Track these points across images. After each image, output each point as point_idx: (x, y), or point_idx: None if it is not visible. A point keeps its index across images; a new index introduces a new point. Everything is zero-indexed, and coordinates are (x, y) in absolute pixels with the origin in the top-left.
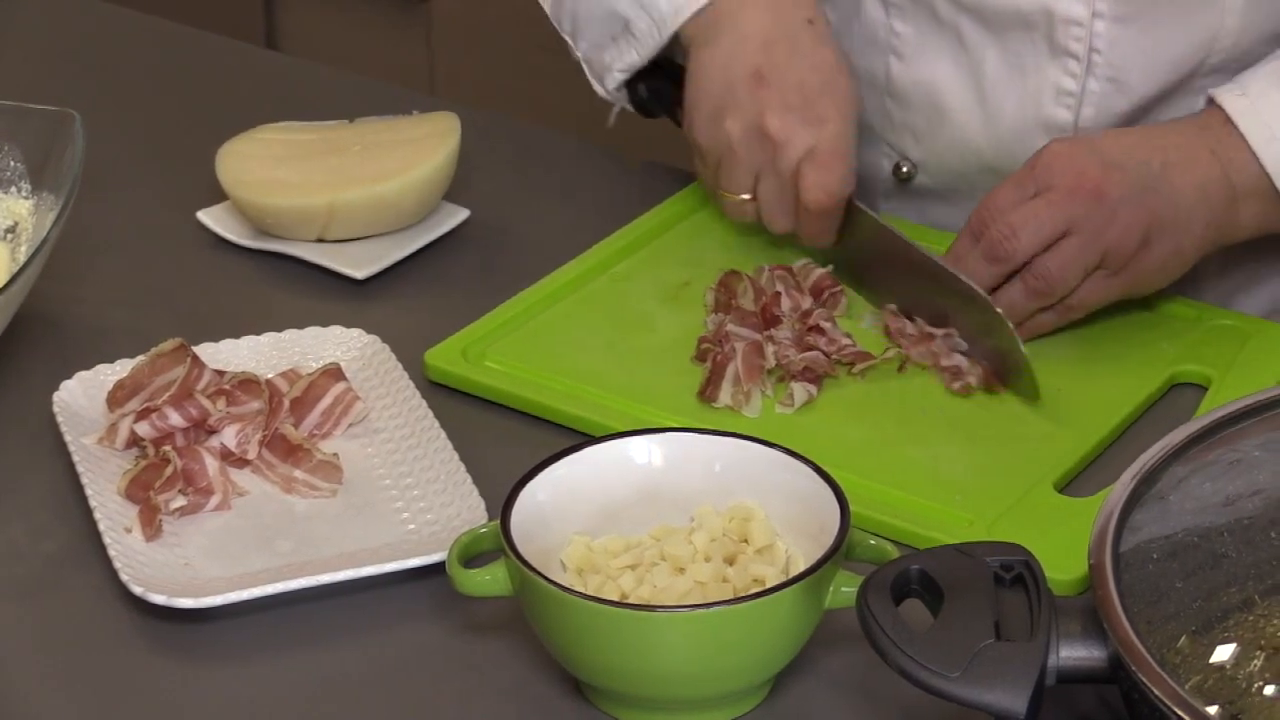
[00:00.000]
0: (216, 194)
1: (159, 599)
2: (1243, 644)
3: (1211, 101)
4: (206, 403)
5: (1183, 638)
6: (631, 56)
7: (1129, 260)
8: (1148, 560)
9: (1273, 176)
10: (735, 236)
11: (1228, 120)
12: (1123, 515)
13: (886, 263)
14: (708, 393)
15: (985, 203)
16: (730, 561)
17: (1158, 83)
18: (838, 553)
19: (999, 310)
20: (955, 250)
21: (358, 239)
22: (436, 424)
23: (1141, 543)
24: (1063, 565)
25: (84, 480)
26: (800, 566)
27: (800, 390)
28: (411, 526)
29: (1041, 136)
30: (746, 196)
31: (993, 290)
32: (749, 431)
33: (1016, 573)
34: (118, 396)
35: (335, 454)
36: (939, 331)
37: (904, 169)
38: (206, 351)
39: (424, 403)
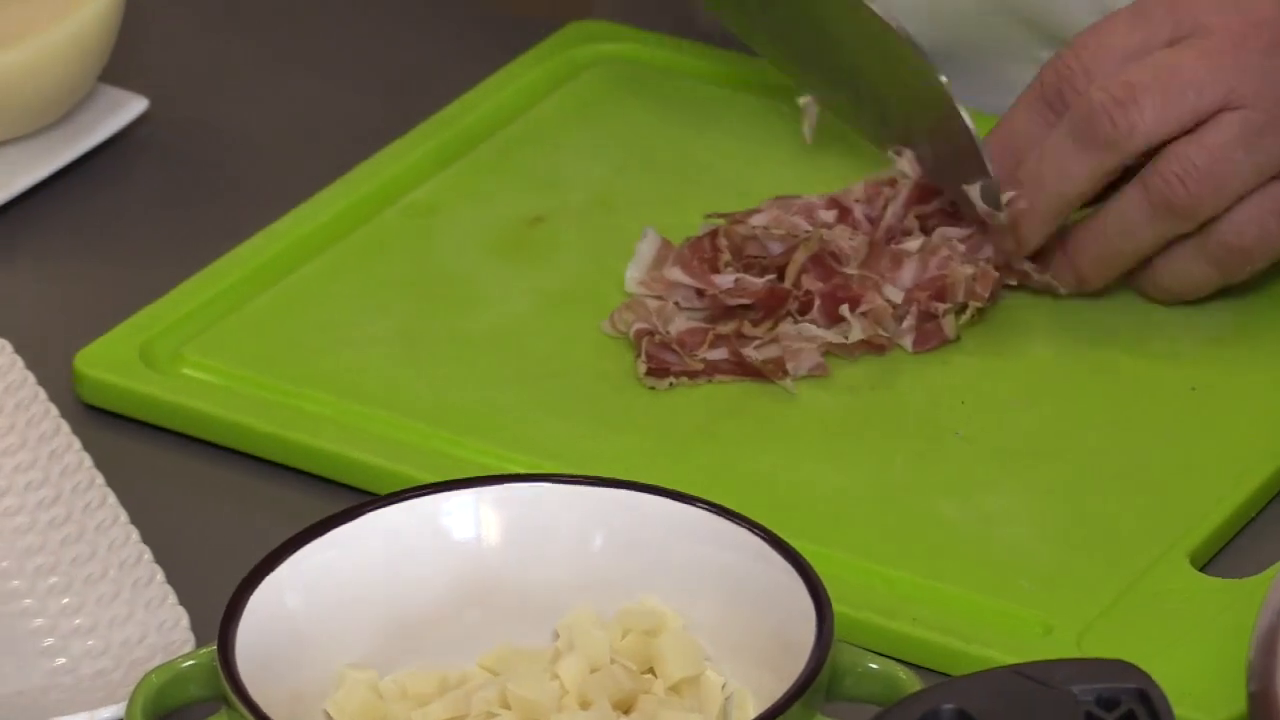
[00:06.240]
0: None
1: None
2: None
3: None
4: None
5: None
6: None
7: None
8: None
9: None
10: (627, 129)
11: None
12: None
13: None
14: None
15: (1088, 44)
16: (627, 708)
17: None
18: (811, 687)
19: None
20: (1011, 122)
21: None
22: (100, 479)
23: None
24: (1205, 694)
25: None
26: (749, 713)
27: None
28: (62, 661)
29: None
30: None
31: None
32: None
33: (1125, 710)
34: None
35: None
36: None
37: None
38: None
39: (76, 441)
